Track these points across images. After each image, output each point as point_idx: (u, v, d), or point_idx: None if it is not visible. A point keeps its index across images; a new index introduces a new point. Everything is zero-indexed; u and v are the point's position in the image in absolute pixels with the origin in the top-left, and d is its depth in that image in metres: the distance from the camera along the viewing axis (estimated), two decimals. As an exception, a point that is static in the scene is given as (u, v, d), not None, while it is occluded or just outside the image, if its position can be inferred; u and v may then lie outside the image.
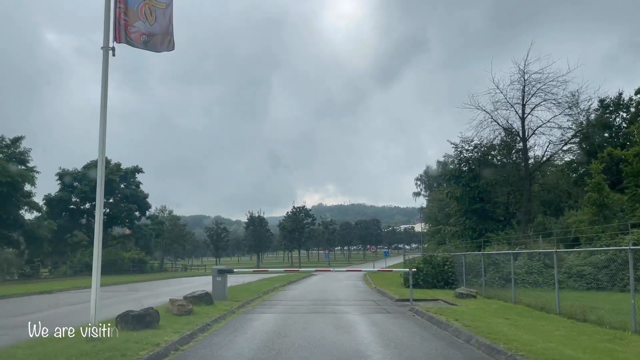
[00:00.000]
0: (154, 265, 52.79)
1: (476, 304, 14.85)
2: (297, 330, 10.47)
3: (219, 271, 15.88)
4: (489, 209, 48.00)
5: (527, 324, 10.66)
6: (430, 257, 23.60)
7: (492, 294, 17.97)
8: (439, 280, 23.07)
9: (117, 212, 46.24)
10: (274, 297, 19.81)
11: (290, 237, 73.78)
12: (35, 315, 13.71)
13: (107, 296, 20.64)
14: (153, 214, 51.94)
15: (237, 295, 18.23)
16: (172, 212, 56.54)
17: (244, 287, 23.29)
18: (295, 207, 71.96)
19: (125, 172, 47.47)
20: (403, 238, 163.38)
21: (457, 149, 50.73)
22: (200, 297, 13.62)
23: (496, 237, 42.17)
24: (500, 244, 37.86)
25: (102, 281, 10.24)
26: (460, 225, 51.53)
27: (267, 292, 21.43)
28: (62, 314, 14.42)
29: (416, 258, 24.90)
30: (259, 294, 19.88)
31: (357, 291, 23.08)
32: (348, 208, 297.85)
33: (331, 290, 23.27)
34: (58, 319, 12.17)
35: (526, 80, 35.71)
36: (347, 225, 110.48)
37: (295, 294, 21.61)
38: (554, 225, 32.74)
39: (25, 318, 11.69)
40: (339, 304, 16.58)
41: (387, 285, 24.63)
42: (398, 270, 20.79)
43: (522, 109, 36.63)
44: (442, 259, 23.37)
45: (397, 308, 15.22)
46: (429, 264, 23.30)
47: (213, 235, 74.22)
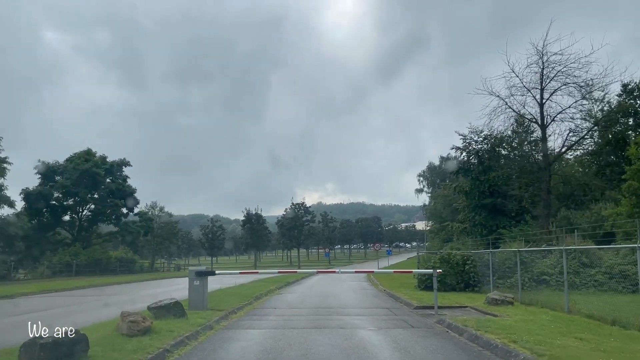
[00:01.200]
0: (144, 265, 49.62)
1: (520, 314, 11.72)
2: (292, 359, 7.36)
3: (198, 273, 12.74)
4: (500, 204, 45.00)
5: (616, 348, 7.56)
6: (448, 255, 20.44)
7: (530, 299, 14.83)
8: (459, 281, 19.96)
9: (102, 208, 43.00)
10: (267, 303, 16.66)
11: (289, 235, 70.56)
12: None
13: (68, 302, 17.53)
14: (142, 210, 48.72)
15: (221, 302, 15.10)
16: (163, 208, 53.52)
17: (233, 291, 20.15)
18: (294, 204, 68.80)
19: (111, 165, 44.23)
20: (404, 236, 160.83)
21: (466, 140, 47.71)
22: (168, 308, 10.48)
23: (509, 233, 39.22)
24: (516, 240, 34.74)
25: (79, 283, 6.96)
26: (470, 222, 48.50)
27: (259, 297, 18.29)
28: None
29: (431, 256, 21.67)
30: (249, 299, 16.74)
31: (364, 295, 19.95)
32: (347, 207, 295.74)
33: (334, 294, 20.14)
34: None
35: (545, 62, 32.65)
36: (348, 222, 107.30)
37: (292, 298, 18.47)
38: (580, 220, 29.63)
39: None
40: (346, 312, 13.44)
41: (398, 288, 21.54)
42: (419, 271, 17.66)
43: (541, 94, 33.52)
44: (462, 257, 20.23)
45: (420, 319, 12.08)
46: (447, 263, 20.18)
47: (208, 233, 70.94)
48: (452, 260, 20.22)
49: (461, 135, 47.09)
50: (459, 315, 12.58)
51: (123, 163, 45.49)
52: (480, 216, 45.81)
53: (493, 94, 34.99)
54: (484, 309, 13.38)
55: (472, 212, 47.14)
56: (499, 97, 34.93)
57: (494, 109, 36.02)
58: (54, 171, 41.82)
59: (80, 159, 41.56)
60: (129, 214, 46.35)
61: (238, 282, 28.68)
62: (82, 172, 40.90)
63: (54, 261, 37.82)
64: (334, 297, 18.77)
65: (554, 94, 33.06)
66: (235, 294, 18.85)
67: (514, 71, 33.40)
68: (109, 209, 43.19)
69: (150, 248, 52.74)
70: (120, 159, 45.27)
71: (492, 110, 36.17)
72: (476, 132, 46.46)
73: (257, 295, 18.37)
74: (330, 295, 19.75)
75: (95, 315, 12.66)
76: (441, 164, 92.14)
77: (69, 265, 38.12)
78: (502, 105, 35.24)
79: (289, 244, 72.21)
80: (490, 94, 35.06)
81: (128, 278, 35.87)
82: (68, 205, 43.00)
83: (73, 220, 44.41)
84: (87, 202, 42.65)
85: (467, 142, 46.82)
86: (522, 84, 33.49)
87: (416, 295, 17.94)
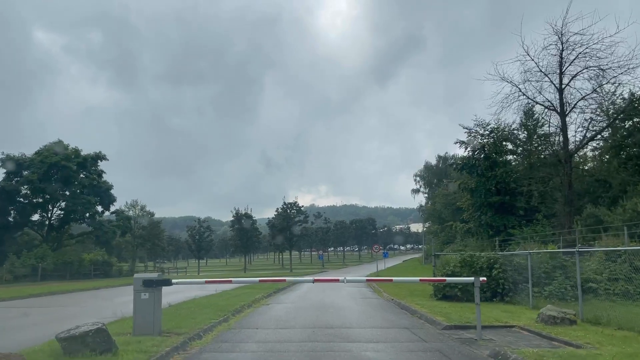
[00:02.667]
0: (123, 268, 45.62)
1: (607, 342, 8.16)
2: None
3: (146, 282, 9.06)
4: (508, 202, 41.68)
5: None
6: (471, 257, 16.89)
7: (595, 315, 11.24)
8: (484, 289, 16.40)
9: (74, 205, 38.93)
10: (247, 319, 12.97)
11: (281, 237, 66.74)
12: None
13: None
14: (119, 209, 44.67)
15: (185, 319, 11.44)
16: (144, 207, 49.38)
17: (209, 302, 16.45)
18: (286, 203, 64.95)
19: (84, 158, 40.08)
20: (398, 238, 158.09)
21: (471, 133, 44.44)
22: (85, 339, 6.79)
23: (520, 233, 35.90)
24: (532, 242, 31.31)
25: (36, 290, 3.25)
26: (475, 221, 45.16)
27: (240, 310, 14.59)
28: None
29: (450, 259, 18.06)
30: (225, 314, 13.05)
31: (369, 306, 16.32)
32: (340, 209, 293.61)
33: (333, 305, 16.49)
34: None
35: (564, 43, 29.36)
36: (342, 224, 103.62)
37: (282, 311, 14.79)
38: (611, 217, 26.22)
39: None
40: (353, 336, 9.80)
41: (408, 296, 17.95)
42: (461, 280, 14.00)
43: (560, 79, 30.17)
44: (488, 260, 16.68)
45: (461, 349, 8.45)
46: (469, 267, 16.65)
47: (195, 234, 66.91)
48: (476, 263, 16.69)
49: (466, 129, 43.74)
50: (511, 340, 9.01)
51: (98, 157, 41.36)
52: (487, 215, 42.50)
53: (505, 80, 31.68)
54: (540, 330, 9.81)
55: (478, 211, 43.75)
56: (511, 84, 31.63)
57: (506, 97, 32.60)
58: (21, 165, 37.72)
59: (50, 151, 37.55)
60: (104, 212, 42.42)
61: (219, 289, 25.15)
62: (50, 165, 36.91)
63: (17, 264, 33.78)
64: (334, 309, 15.13)
65: (574, 78, 29.79)
66: (210, 306, 15.16)
67: (529, 54, 30.11)
68: (82, 206, 39.12)
69: (130, 250, 48.68)
70: (96, 152, 41.24)
71: (505, 97, 32.74)
72: (482, 125, 43.21)
73: (237, 308, 14.69)
74: (329, 306, 16.10)
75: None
76: (438, 163, 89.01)
77: (34, 269, 34.14)
78: (515, 92, 31.87)
79: (281, 245, 68.36)
80: (502, 80, 31.79)
81: (99, 283, 31.98)
82: (37, 202, 38.96)
83: (43, 220, 40.35)
84: (57, 199, 38.63)
85: (472, 136, 43.68)
86: (538, 67, 30.21)
87: (435, 307, 14.37)
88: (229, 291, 23.56)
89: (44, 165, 36.57)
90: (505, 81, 31.57)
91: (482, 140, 43.08)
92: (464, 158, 44.30)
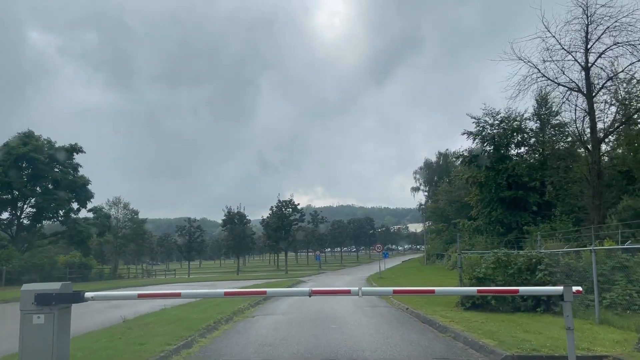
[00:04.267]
0: (104, 271, 41.98)
1: None
2: None
3: (41, 298, 5.62)
4: (521, 197, 38.40)
5: None
6: (506, 256, 13.49)
7: None
8: (524, 297, 13.03)
9: (45, 202, 35.27)
10: (217, 345, 9.48)
11: (276, 237, 63.15)
12: None
13: None
14: (97, 206, 40.81)
15: (130, 345, 8.06)
16: (128, 205, 45.53)
17: (178, 315, 13.02)
18: (281, 201, 61.33)
19: (57, 150, 36.29)
20: (396, 238, 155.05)
21: (480, 124, 41.19)
22: None
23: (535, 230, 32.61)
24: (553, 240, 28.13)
25: None
26: (485, 218, 41.87)
27: (214, 327, 11.14)
28: None
29: (481, 260, 14.59)
30: (191, 334, 9.61)
31: (380, 319, 12.91)
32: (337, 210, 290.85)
33: (335, 317, 13.07)
34: None
35: (590, 17, 26.20)
36: (340, 223, 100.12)
37: (267, 329, 11.34)
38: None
39: None
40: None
41: (425, 304, 14.58)
42: (546, 289, 10.36)
43: (585, 57, 26.96)
44: (528, 259, 13.28)
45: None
46: (504, 269, 13.30)
47: (185, 234, 63.25)
48: (513, 264, 13.31)
49: (474, 119, 40.49)
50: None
51: (74, 149, 37.54)
52: (497, 211, 39.28)
53: (523, 60, 28.47)
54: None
55: (487, 207, 40.48)
56: (529, 64, 28.39)
57: (523, 78, 29.31)
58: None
59: (18, 142, 33.86)
60: (80, 209, 38.71)
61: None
62: (18, 158, 33.27)
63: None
64: (337, 324, 11.71)
65: (601, 56, 26.57)
66: (177, 321, 11.72)
67: (550, 30, 26.91)
68: (54, 203, 35.42)
69: (112, 251, 45.04)
70: (71, 144, 37.42)
71: (522, 79, 29.46)
72: (492, 114, 40.03)
73: (210, 324, 11.24)
74: (330, 319, 12.69)
75: None
76: (439, 160, 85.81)
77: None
78: (534, 73, 28.60)
79: (276, 246, 64.80)
80: (519, 60, 28.56)
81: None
82: (5, 199, 35.28)
83: (12, 219, 36.63)
84: (26, 196, 34.98)
85: (481, 126, 40.44)
86: (560, 45, 27.00)
87: (469, 320, 11.00)
88: (209, 299, 20.09)
89: (10, 158, 32.87)
90: (523, 61, 28.42)
91: (491, 131, 39.95)
92: (473, 150, 41.13)
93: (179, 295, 5.95)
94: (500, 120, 39.01)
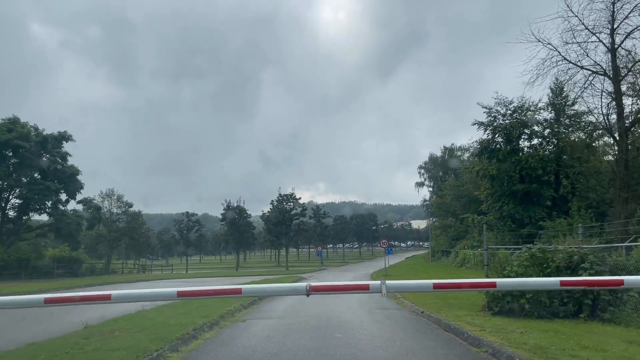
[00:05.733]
0: (97, 266, 40.02)
1: None
2: None
3: None
4: (535, 191, 36.25)
5: None
6: (542, 252, 11.41)
7: None
8: (564, 301, 10.92)
9: (31, 193, 33.23)
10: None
11: (276, 232, 61.13)
12: None
13: None
14: (87, 198, 38.70)
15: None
16: (122, 197, 43.49)
17: (153, 320, 11.00)
18: (282, 195, 59.23)
19: (44, 138, 34.24)
20: (400, 235, 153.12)
21: (491, 114, 38.97)
22: None
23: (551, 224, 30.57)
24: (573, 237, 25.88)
25: None
26: (495, 213, 39.75)
27: (191, 337, 9.11)
28: None
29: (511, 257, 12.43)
30: (159, 347, 7.59)
31: (395, 325, 10.86)
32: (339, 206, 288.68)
33: (340, 323, 11.04)
34: None
35: (617, -6, 24.15)
36: (342, 219, 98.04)
37: (258, 339, 9.31)
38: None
39: None
40: None
41: (444, 307, 12.58)
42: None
43: (611, 38, 24.88)
44: (568, 256, 11.18)
45: None
46: (540, 267, 11.24)
47: (183, 229, 61.25)
48: (550, 261, 11.24)
49: (485, 108, 38.36)
50: None
51: (63, 137, 35.47)
52: (509, 206, 37.15)
53: (542, 42, 26.33)
54: None
55: (499, 201, 38.33)
56: (549, 46, 26.25)
57: (542, 62, 27.17)
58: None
59: (2, 128, 31.82)
60: (69, 201, 36.66)
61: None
62: (1, 144, 31.22)
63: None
64: (342, 333, 9.67)
65: (629, 36, 24.46)
66: (149, 328, 9.69)
67: (572, 9, 24.79)
68: (41, 194, 33.35)
69: (105, 245, 43.02)
70: (60, 131, 35.32)
71: (541, 63, 27.32)
72: (503, 103, 37.89)
73: (189, 331, 9.23)
74: (334, 325, 10.66)
75: None
76: (444, 154, 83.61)
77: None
78: (554, 56, 26.46)
79: (276, 241, 62.78)
80: (537, 42, 26.43)
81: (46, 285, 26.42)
82: (-10, 189, 33.33)
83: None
84: (11, 186, 32.91)
85: (493, 117, 38.26)
86: (584, 25, 24.87)
87: (504, 329, 8.98)
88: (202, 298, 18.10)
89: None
90: (542, 43, 26.28)
91: (503, 121, 37.82)
92: (483, 141, 38.96)
93: (108, 299, 3.89)
94: (513, 109, 36.92)
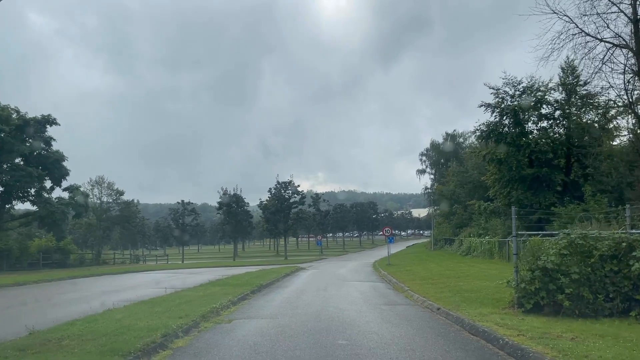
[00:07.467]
0: (86, 257, 38.30)
1: None
2: None
3: None
4: (545, 176, 34.47)
5: None
6: (583, 239, 9.59)
7: None
8: (610, 296, 9.12)
9: (13, 179, 31.31)
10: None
11: (274, 220, 59.37)
12: None
13: None
14: (73, 185, 36.55)
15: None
16: (112, 184, 41.52)
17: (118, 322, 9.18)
18: (280, 183, 57.41)
19: (26, 122, 32.14)
20: (400, 223, 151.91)
21: (499, 94, 37.03)
22: None
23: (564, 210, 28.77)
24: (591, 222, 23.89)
25: None
26: (503, 199, 37.97)
27: (159, 346, 7.30)
28: None
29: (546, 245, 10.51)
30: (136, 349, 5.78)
31: (408, 327, 9.06)
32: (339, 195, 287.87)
33: (343, 323, 9.28)
34: None
35: (641, -42, 22.10)
36: (342, 207, 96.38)
37: (244, 348, 7.52)
38: None
39: None
40: None
41: (462, 303, 10.87)
42: None
43: (634, 9, 22.91)
44: (616, 244, 9.37)
45: None
46: (581, 257, 9.44)
47: (178, 217, 59.54)
48: (594, 249, 9.44)
49: (492, 89, 36.40)
50: None
51: (47, 120, 33.42)
52: (517, 191, 35.36)
53: (557, 13, 24.28)
54: None
55: (507, 186, 36.47)
56: (565, 17, 24.21)
57: (557, 35, 25.07)
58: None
59: (-20, 113, 29.73)
60: (54, 188, 34.71)
61: (193, 281, 18.55)
62: (-22, 128, 29.26)
63: None
64: (347, 336, 7.88)
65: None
66: (114, 332, 7.85)
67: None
68: (22, 180, 31.39)
69: (96, 235, 41.22)
70: (43, 114, 33.23)
71: (556, 36, 25.23)
72: (512, 83, 35.95)
73: (157, 339, 7.41)
74: (336, 326, 8.87)
75: None
76: (446, 141, 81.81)
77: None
78: (571, 28, 24.42)
79: (275, 230, 61.07)
80: (553, 14, 24.37)
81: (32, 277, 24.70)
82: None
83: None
84: (-7, 172, 30.96)
85: (500, 97, 36.35)
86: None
87: (546, 333, 7.25)
88: (188, 290, 16.39)
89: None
90: (557, 15, 24.24)
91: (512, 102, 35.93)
92: (490, 124, 37.08)
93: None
94: (522, 90, 35.00)
